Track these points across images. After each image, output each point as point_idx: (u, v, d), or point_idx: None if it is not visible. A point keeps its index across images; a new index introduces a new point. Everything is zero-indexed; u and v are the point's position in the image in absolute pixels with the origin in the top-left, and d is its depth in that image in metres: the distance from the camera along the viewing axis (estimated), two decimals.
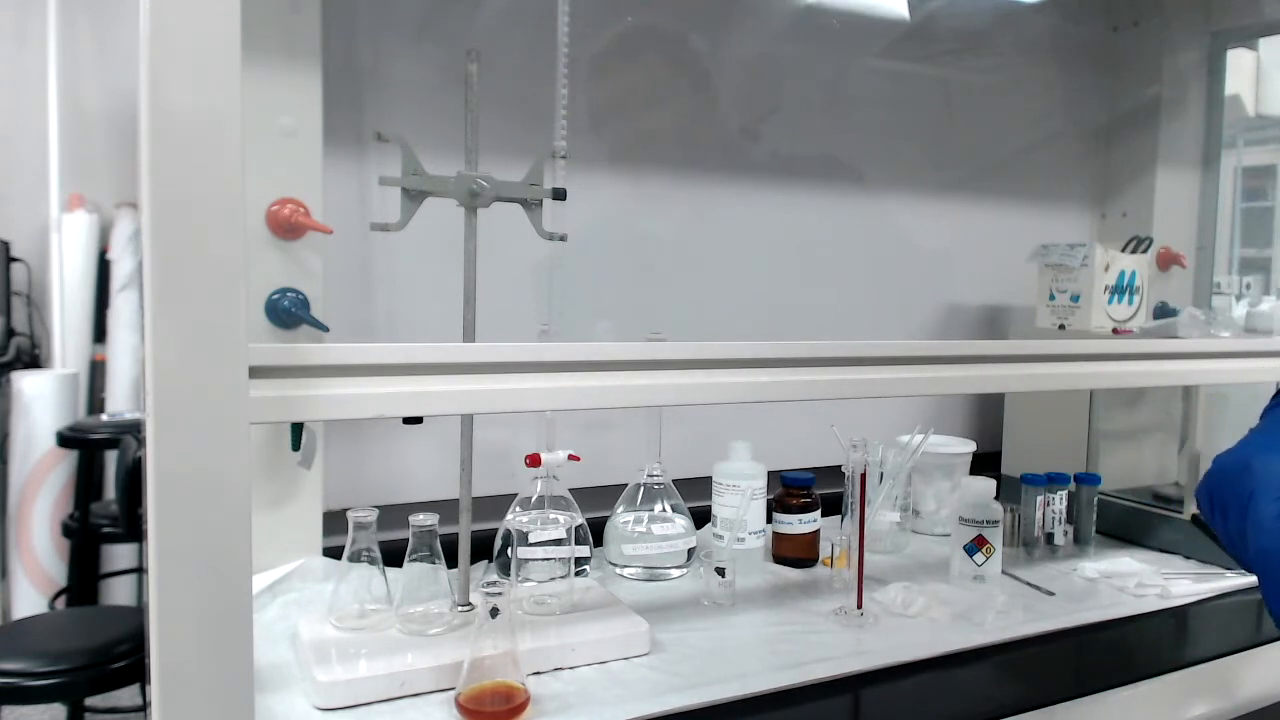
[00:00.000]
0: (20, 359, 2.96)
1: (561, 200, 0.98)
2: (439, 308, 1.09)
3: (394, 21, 1.29)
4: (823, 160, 1.63)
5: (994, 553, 1.21)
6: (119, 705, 2.23)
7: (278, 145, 1.13)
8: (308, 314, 1.14)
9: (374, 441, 1.33)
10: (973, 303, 1.80)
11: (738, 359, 0.83)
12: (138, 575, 2.71)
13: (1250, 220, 1.97)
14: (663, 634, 1.04)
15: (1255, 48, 1.87)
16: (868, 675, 0.99)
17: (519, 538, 1.03)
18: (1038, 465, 1.45)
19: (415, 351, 0.70)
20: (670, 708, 0.89)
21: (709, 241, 1.54)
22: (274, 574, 1.15)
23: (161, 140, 0.58)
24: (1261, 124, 1.93)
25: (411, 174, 0.92)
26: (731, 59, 1.54)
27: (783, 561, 1.33)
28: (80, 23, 3.01)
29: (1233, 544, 0.76)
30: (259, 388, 0.63)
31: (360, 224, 1.23)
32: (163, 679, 0.61)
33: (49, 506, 2.80)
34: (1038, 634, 1.11)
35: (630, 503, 1.28)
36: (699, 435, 1.36)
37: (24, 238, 2.99)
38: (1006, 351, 0.98)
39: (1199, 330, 1.40)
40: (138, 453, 2.00)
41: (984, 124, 1.77)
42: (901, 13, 1.65)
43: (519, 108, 1.26)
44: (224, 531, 0.62)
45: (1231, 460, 0.78)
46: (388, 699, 0.88)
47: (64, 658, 1.57)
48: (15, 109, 2.97)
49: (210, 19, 0.59)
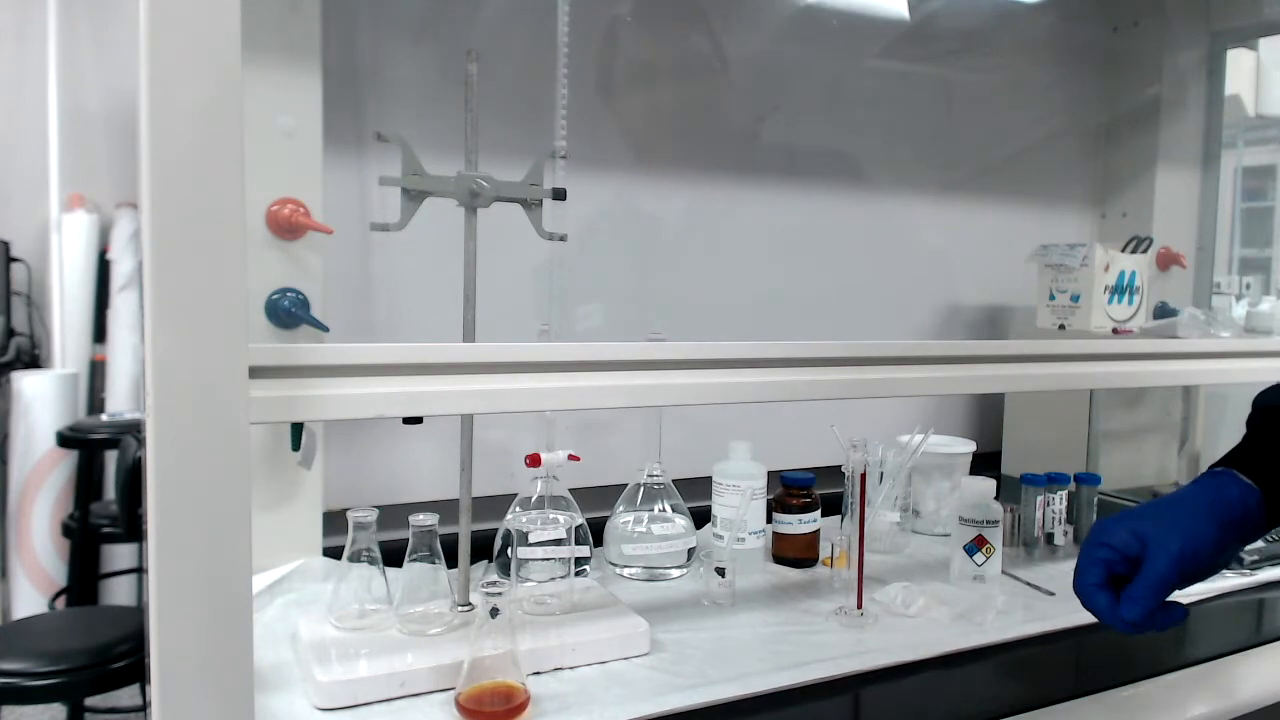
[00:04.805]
0: (20, 359, 2.96)
1: (561, 200, 0.98)
2: (439, 308, 1.09)
3: (394, 21, 1.29)
4: (823, 160, 1.63)
5: (994, 553, 1.21)
6: (119, 705, 2.23)
7: (278, 145, 1.13)
8: (308, 314, 1.14)
9: (374, 441, 1.33)
10: (973, 303, 1.80)
11: (738, 359, 0.83)
12: (138, 575, 2.71)
13: (1250, 220, 1.97)
14: (663, 634, 1.04)
15: (1255, 48, 1.87)
16: (868, 675, 0.98)
17: (519, 538, 1.03)
18: (1038, 465, 1.44)
19: (415, 351, 0.70)
20: (670, 708, 0.89)
21: (709, 242, 1.54)
22: (274, 574, 1.15)
23: (161, 140, 0.58)
24: (1261, 124, 1.93)
25: (411, 174, 0.92)
26: (731, 59, 1.54)
27: (783, 561, 1.33)
28: (80, 23, 3.01)
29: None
30: (259, 388, 0.63)
31: (360, 224, 1.23)
32: (163, 679, 0.61)
33: (49, 506, 2.80)
34: (1038, 634, 1.10)
35: (630, 503, 1.28)
36: (699, 435, 1.36)
37: (24, 238, 2.99)
38: (1006, 351, 0.98)
39: (1199, 330, 1.40)
40: (138, 453, 2.00)
41: (984, 124, 1.77)
42: (901, 13, 1.65)
43: (519, 108, 1.26)
44: (224, 531, 0.62)
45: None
46: (388, 699, 0.88)
47: (64, 658, 1.57)
48: (15, 109, 2.97)
49: (210, 19, 0.59)
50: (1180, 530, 0.75)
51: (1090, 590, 0.77)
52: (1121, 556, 0.77)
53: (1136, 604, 0.74)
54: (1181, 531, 0.75)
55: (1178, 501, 0.78)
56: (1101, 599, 0.77)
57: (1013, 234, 1.77)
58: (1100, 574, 0.77)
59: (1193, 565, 0.75)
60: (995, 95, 1.78)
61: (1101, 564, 0.77)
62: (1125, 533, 0.77)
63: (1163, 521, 0.76)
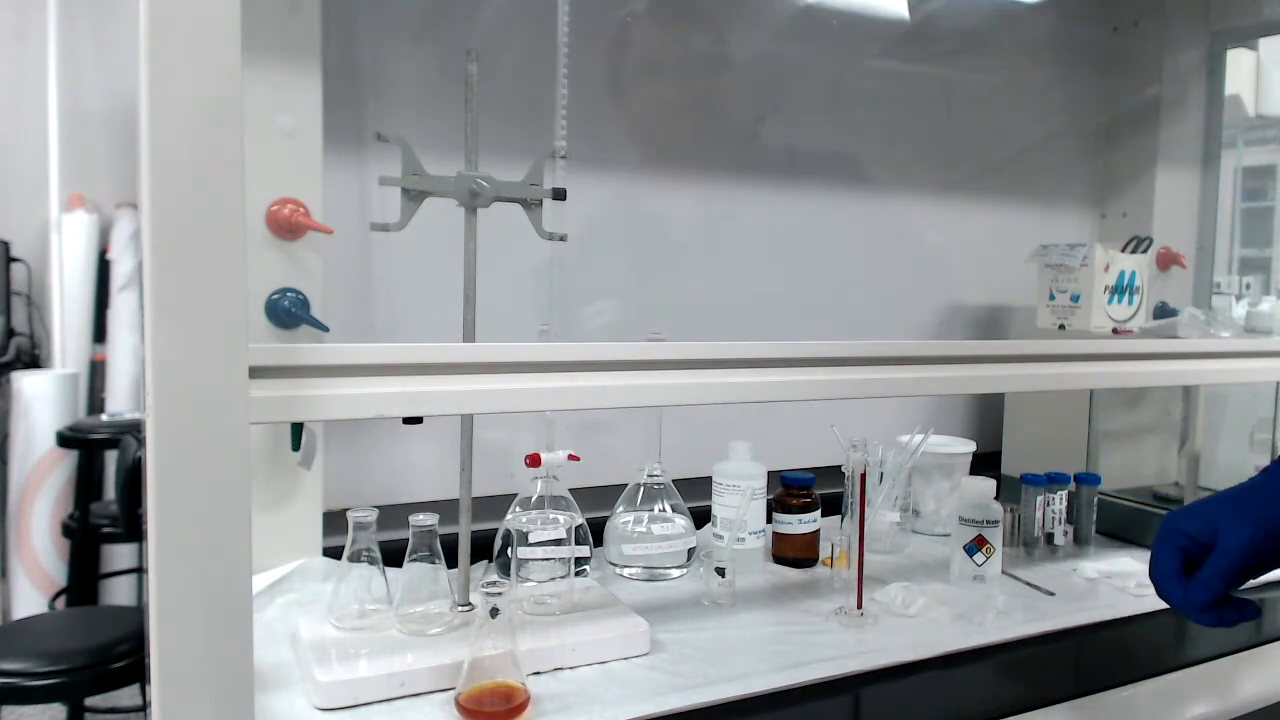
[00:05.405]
0: (20, 359, 2.96)
1: (561, 200, 0.98)
2: (439, 308, 1.09)
3: (394, 21, 1.29)
4: (823, 160, 1.63)
5: (994, 553, 1.21)
6: (119, 705, 2.23)
7: (278, 145, 1.13)
8: (308, 314, 1.14)
9: (374, 441, 1.33)
10: (973, 303, 1.80)
11: (738, 359, 0.83)
12: (138, 575, 2.71)
13: (1250, 220, 1.97)
14: (663, 634, 1.04)
15: (1255, 48, 1.87)
16: (868, 675, 0.99)
17: (519, 538, 1.03)
18: (1038, 465, 1.44)
19: (415, 351, 0.70)
20: (670, 708, 0.89)
21: (709, 242, 1.54)
22: (274, 574, 1.15)
23: (161, 140, 0.58)
24: (1261, 124, 1.92)
25: (411, 174, 0.92)
26: (731, 58, 1.54)
27: (783, 561, 1.33)
28: (80, 23, 3.01)
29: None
30: (259, 388, 0.63)
31: (360, 224, 1.23)
32: (163, 679, 0.61)
33: (49, 506, 2.80)
34: (1038, 634, 1.11)
35: (630, 503, 1.28)
36: (699, 435, 1.36)
37: (24, 238, 2.99)
38: (1006, 351, 0.98)
39: (1199, 330, 1.40)
40: (138, 453, 2.00)
41: (984, 124, 1.77)
42: (901, 13, 1.65)
43: (519, 108, 1.26)
44: (224, 531, 0.62)
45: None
46: (388, 699, 0.88)
47: (64, 658, 1.57)
48: (15, 109, 2.97)
49: (210, 18, 0.59)
50: (1252, 517, 0.74)
51: (1165, 578, 0.76)
52: (1196, 544, 0.75)
53: (1205, 589, 0.73)
54: (1254, 518, 0.73)
55: (1251, 489, 0.77)
56: (1176, 588, 0.75)
57: (1013, 234, 1.77)
58: (1176, 561, 0.76)
59: (1268, 552, 0.74)
60: (995, 95, 1.78)
61: (1177, 551, 0.76)
62: (1199, 520, 0.76)
63: (1235, 508, 0.75)
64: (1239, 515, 0.74)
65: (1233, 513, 0.75)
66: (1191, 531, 0.76)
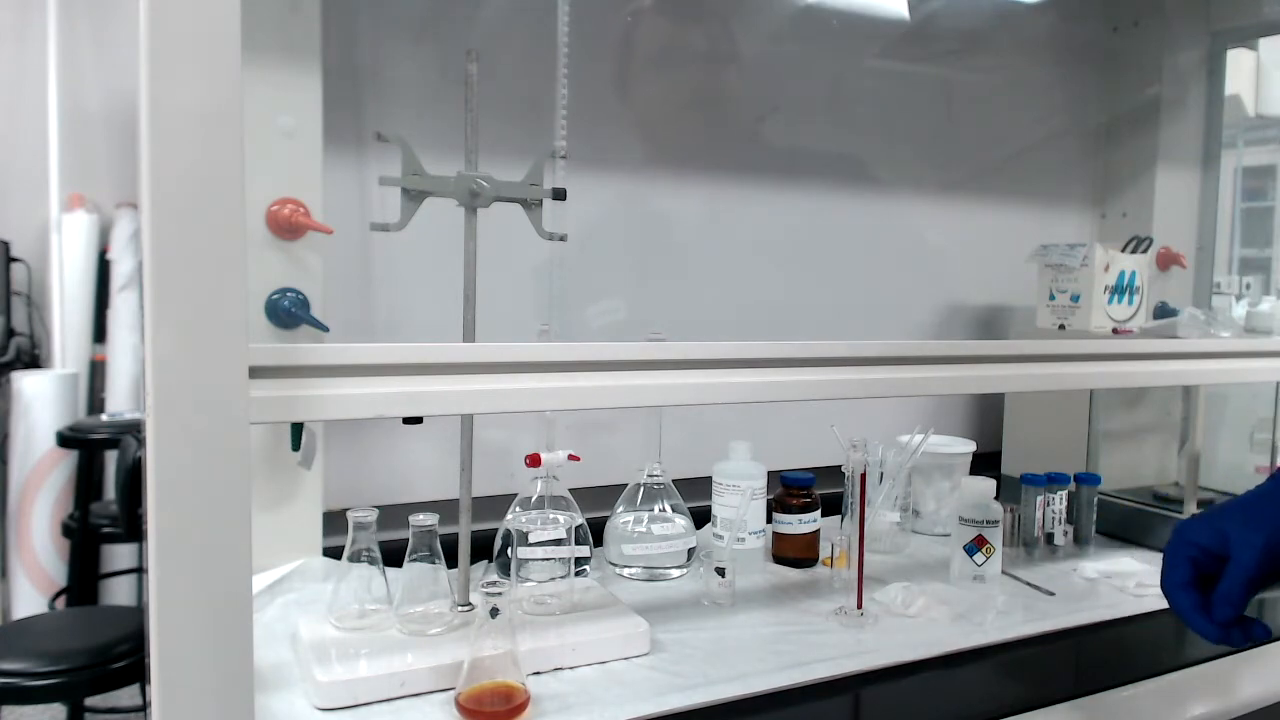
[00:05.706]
0: (20, 359, 2.96)
1: (561, 200, 0.98)
2: (439, 308, 1.09)
3: (394, 21, 1.29)
4: (823, 160, 1.63)
5: (994, 553, 1.21)
6: (119, 705, 2.23)
7: (278, 145, 1.13)
8: (308, 314, 1.14)
9: (374, 441, 1.33)
10: (973, 303, 1.80)
11: (738, 359, 0.83)
12: (138, 575, 2.71)
13: (1250, 220, 1.97)
14: (663, 634, 1.04)
15: (1255, 48, 1.87)
16: (868, 675, 0.99)
17: (519, 538, 1.03)
18: (1038, 465, 1.44)
19: (415, 351, 0.70)
20: (670, 708, 0.89)
21: (709, 242, 1.54)
22: (274, 574, 1.15)
23: (161, 140, 0.58)
24: (1261, 124, 1.92)
25: (411, 174, 0.92)
26: (731, 58, 1.54)
27: (783, 561, 1.33)
28: (80, 23, 3.01)
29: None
30: (259, 388, 0.63)
31: (360, 224, 1.23)
32: (163, 679, 0.61)
33: (49, 506, 2.80)
34: (1038, 634, 1.11)
35: (630, 503, 1.28)
36: (699, 435, 1.36)
37: (24, 238, 2.98)
38: (1006, 351, 0.98)
39: (1199, 330, 1.40)
40: (138, 453, 2.00)
41: (984, 124, 1.77)
42: (901, 13, 1.65)
43: (519, 108, 1.26)
44: (224, 531, 0.62)
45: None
46: (387, 699, 0.88)
47: (64, 658, 1.57)
48: (15, 109, 2.97)
49: (210, 18, 0.59)
50: (1263, 525, 0.73)
51: (1176, 589, 0.76)
52: (1207, 554, 0.75)
53: (1228, 604, 0.72)
54: (1265, 526, 0.73)
55: (1260, 496, 0.77)
56: (1187, 598, 0.75)
57: (1013, 234, 1.77)
58: (1187, 572, 0.75)
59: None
60: (995, 95, 1.78)
61: (1189, 562, 0.75)
62: (1209, 530, 0.75)
63: (1245, 517, 0.74)
64: (1249, 524, 0.74)
65: (1243, 521, 0.74)
66: (1202, 541, 0.75)
